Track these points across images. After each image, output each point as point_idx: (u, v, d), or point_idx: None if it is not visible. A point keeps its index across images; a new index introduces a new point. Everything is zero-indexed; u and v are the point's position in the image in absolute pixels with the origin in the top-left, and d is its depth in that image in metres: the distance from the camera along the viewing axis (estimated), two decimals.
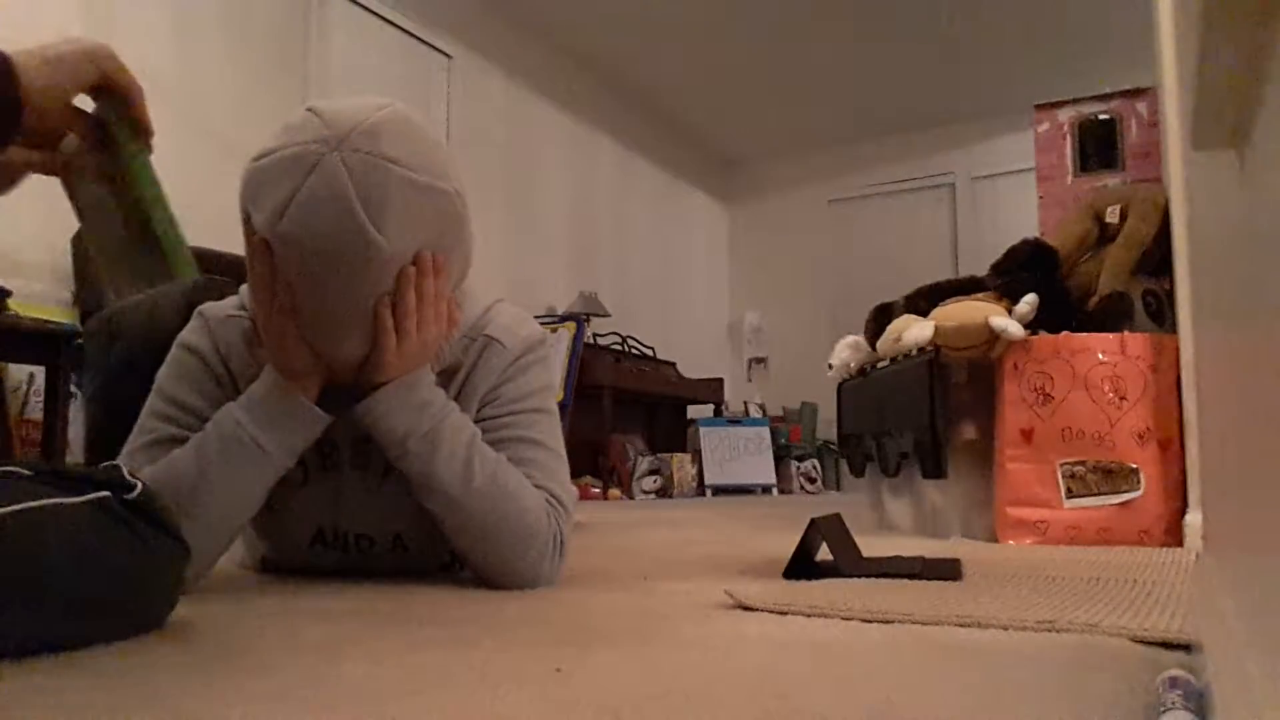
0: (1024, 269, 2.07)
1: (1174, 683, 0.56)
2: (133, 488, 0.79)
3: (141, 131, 0.93)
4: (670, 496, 5.14)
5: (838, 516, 1.30)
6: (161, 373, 1.12)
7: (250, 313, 1.09)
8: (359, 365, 1.02)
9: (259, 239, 0.95)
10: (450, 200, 0.98)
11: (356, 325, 0.98)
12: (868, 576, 1.20)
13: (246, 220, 0.97)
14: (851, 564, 1.25)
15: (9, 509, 0.69)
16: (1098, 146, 2.67)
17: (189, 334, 1.13)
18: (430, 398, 1.05)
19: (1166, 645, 0.77)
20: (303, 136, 0.92)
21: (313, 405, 1.03)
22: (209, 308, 1.15)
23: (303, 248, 0.92)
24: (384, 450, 1.05)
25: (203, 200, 3.22)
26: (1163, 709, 0.53)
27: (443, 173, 0.97)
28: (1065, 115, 2.72)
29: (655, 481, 5.16)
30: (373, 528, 1.17)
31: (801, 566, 1.26)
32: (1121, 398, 1.88)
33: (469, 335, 1.14)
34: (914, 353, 2.13)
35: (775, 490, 5.68)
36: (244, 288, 1.15)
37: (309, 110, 0.95)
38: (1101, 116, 2.67)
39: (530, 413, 1.15)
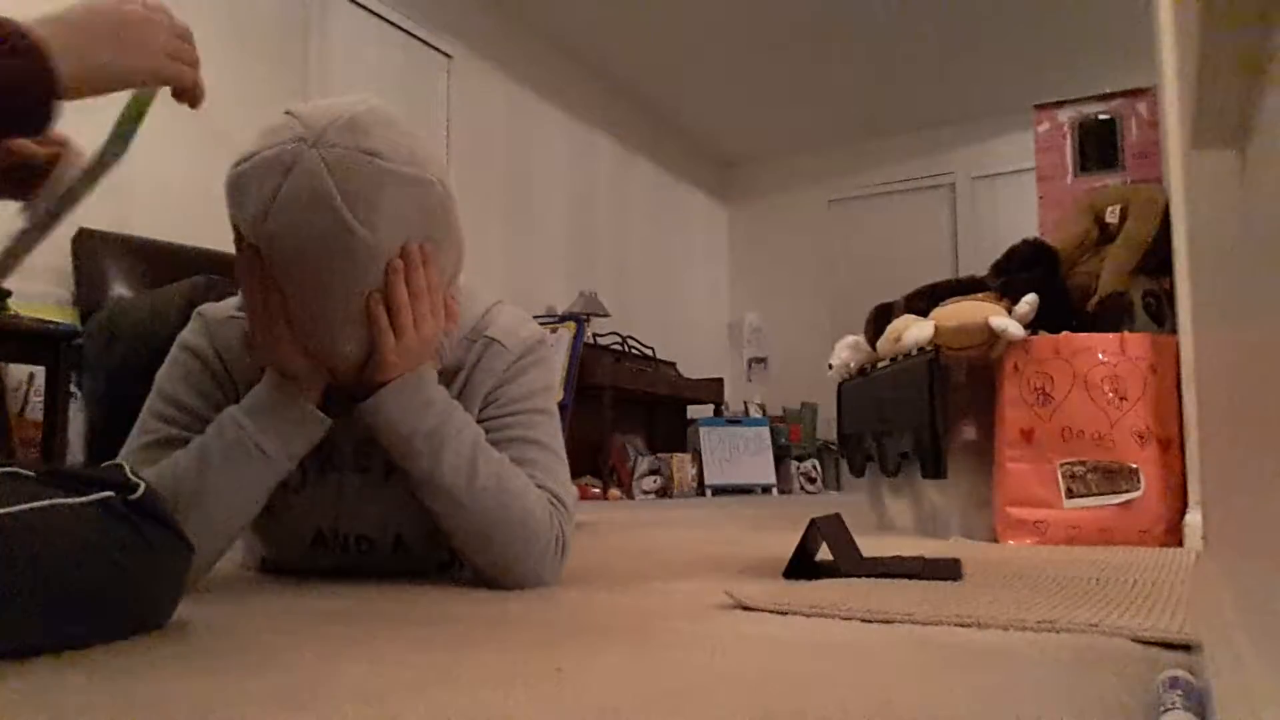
0: (1024, 269, 2.07)
1: (1174, 683, 0.56)
2: (136, 488, 0.79)
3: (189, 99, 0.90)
4: (670, 496, 5.14)
5: (838, 516, 1.30)
6: (161, 372, 1.12)
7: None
8: (361, 366, 1.02)
9: (248, 244, 0.95)
10: (433, 190, 0.98)
11: (350, 324, 0.98)
12: (868, 576, 1.20)
13: (236, 228, 0.97)
14: (851, 564, 1.25)
15: (13, 509, 0.69)
16: (1098, 146, 2.67)
17: (189, 334, 1.13)
18: (434, 396, 1.05)
19: (1166, 645, 0.77)
20: (280, 137, 0.93)
21: (314, 409, 1.03)
22: (209, 308, 1.15)
23: (288, 247, 0.92)
24: (388, 450, 1.05)
25: (202, 200, 3.23)
26: (1163, 709, 0.53)
27: (423, 163, 0.97)
28: (1065, 115, 2.72)
29: (655, 481, 5.16)
30: (373, 529, 1.17)
31: (801, 566, 1.26)
32: (1121, 398, 1.88)
33: (469, 337, 1.14)
34: (914, 353, 2.13)
35: (775, 490, 5.68)
36: None
37: (286, 113, 0.96)
38: (1101, 116, 2.67)
39: (531, 413, 1.15)
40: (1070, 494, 1.89)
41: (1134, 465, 1.86)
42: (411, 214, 0.96)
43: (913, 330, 2.09)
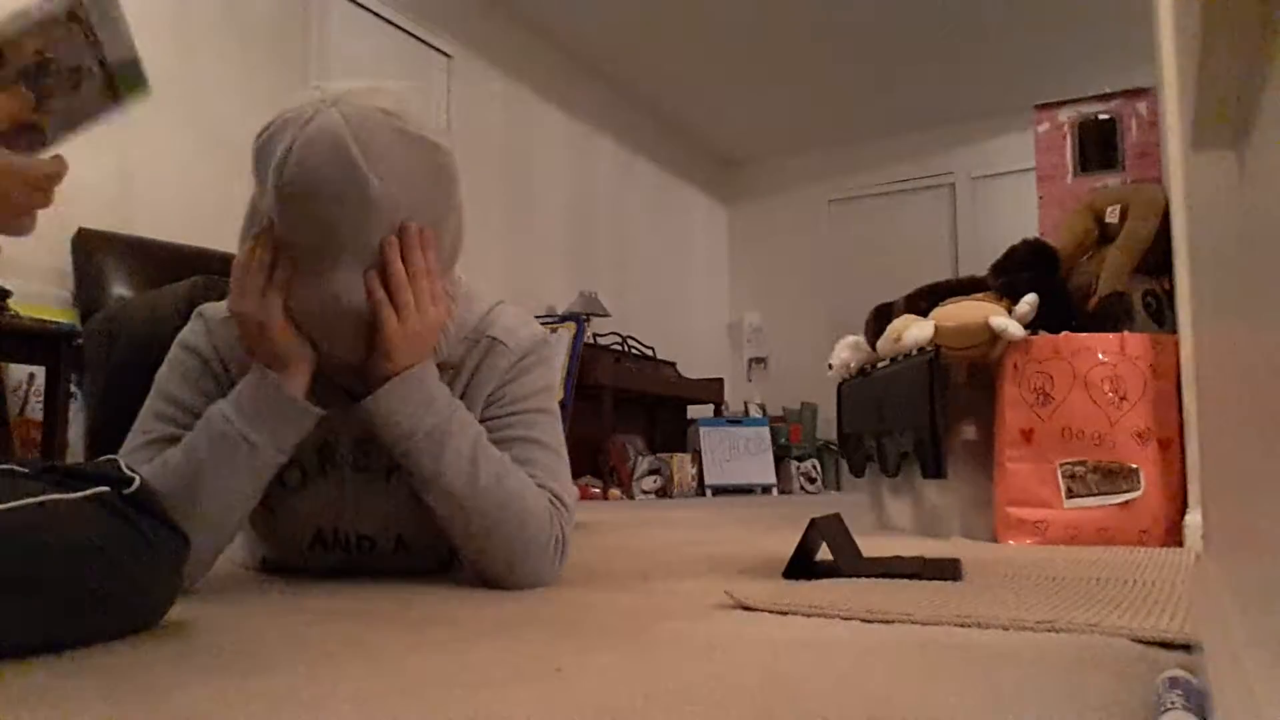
0: (1024, 269, 2.07)
1: (1174, 683, 0.56)
2: (131, 482, 0.79)
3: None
4: (670, 496, 5.14)
5: (838, 516, 1.30)
6: (161, 372, 1.12)
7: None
8: (366, 356, 1.02)
9: (265, 217, 0.97)
10: (443, 154, 1.01)
11: (355, 278, 0.98)
12: (868, 576, 1.20)
13: (252, 205, 1.00)
14: (851, 564, 1.25)
15: (8, 506, 0.69)
16: (1098, 146, 2.67)
17: (189, 334, 1.13)
18: (436, 394, 1.05)
19: (1166, 645, 0.77)
20: (302, 100, 0.97)
21: (299, 399, 1.02)
22: (209, 308, 1.15)
23: (301, 192, 0.94)
24: (389, 447, 1.05)
25: (203, 199, 3.23)
26: (1163, 709, 0.53)
27: (435, 132, 1.01)
28: (1065, 115, 2.72)
29: (655, 481, 5.16)
30: (374, 529, 1.17)
31: (801, 566, 1.26)
32: (1121, 398, 1.88)
33: (471, 336, 1.15)
34: (914, 353, 2.13)
35: (775, 490, 5.68)
36: None
37: (309, 87, 1.00)
38: (1101, 116, 2.67)
39: (533, 413, 1.15)
40: (1070, 494, 1.89)
41: (1134, 465, 1.86)
42: (421, 175, 0.99)
43: (913, 330, 2.09)
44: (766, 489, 5.65)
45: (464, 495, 1.04)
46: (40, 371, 2.47)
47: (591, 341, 4.94)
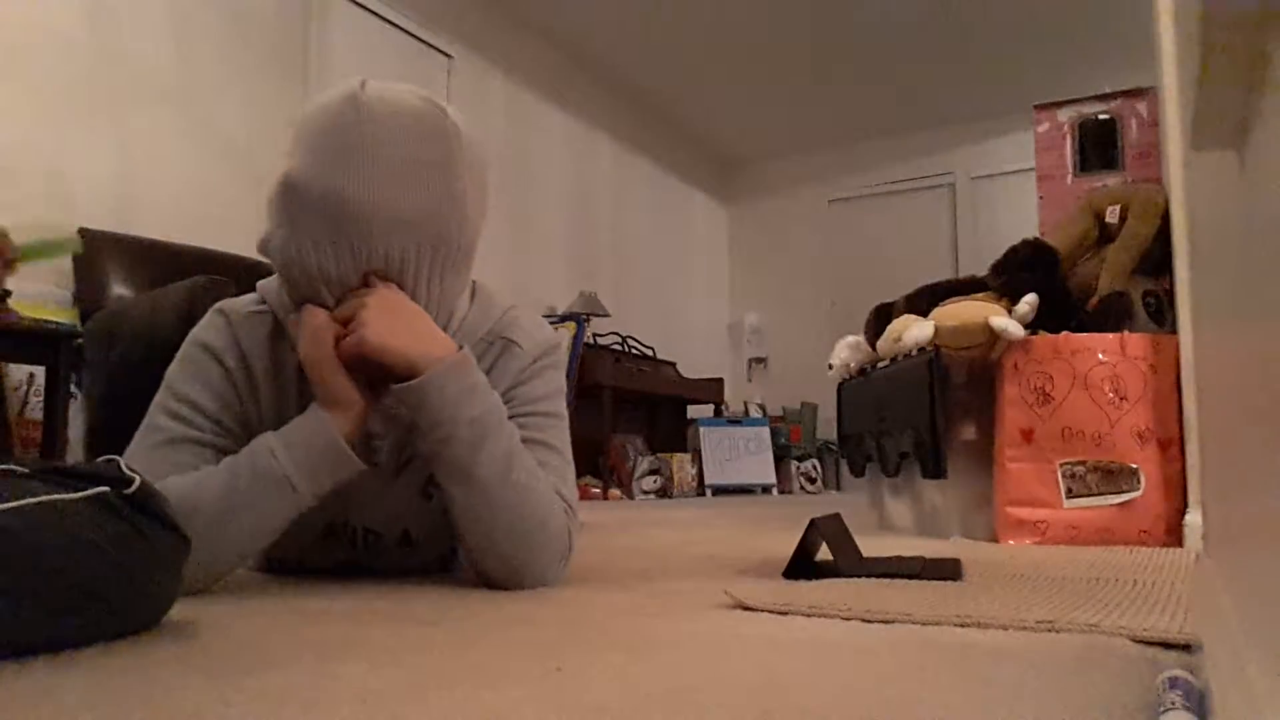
0: (1024, 269, 2.07)
1: (1174, 683, 0.56)
2: (131, 482, 0.79)
3: None
4: (670, 496, 5.14)
5: (838, 516, 1.30)
6: (173, 369, 1.11)
7: (286, 318, 1.10)
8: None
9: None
10: (452, 134, 1.06)
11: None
12: (868, 576, 1.20)
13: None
14: (851, 564, 1.25)
15: (8, 506, 0.69)
16: (1098, 146, 2.67)
17: (205, 331, 1.12)
18: (479, 380, 1.05)
19: (1166, 645, 0.77)
20: None
21: (351, 454, 1.02)
22: (229, 304, 1.14)
23: (313, 127, 1.02)
24: (427, 432, 1.03)
25: (203, 200, 3.23)
26: (1163, 709, 0.53)
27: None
28: (1065, 115, 2.72)
29: (655, 481, 5.16)
30: (381, 524, 1.18)
31: (801, 566, 1.26)
32: (1121, 398, 1.88)
33: (486, 338, 1.15)
34: (914, 353, 2.13)
35: (775, 490, 5.68)
36: (262, 284, 1.15)
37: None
38: (1101, 116, 2.67)
39: (543, 416, 1.15)
40: (1070, 494, 1.89)
41: (1134, 465, 1.86)
42: (425, 133, 1.03)
43: (913, 330, 2.09)
44: (766, 489, 5.65)
45: (495, 489, 1.02)
46: (40, 371, 2.47)
47: (591, 341, 4.94)
